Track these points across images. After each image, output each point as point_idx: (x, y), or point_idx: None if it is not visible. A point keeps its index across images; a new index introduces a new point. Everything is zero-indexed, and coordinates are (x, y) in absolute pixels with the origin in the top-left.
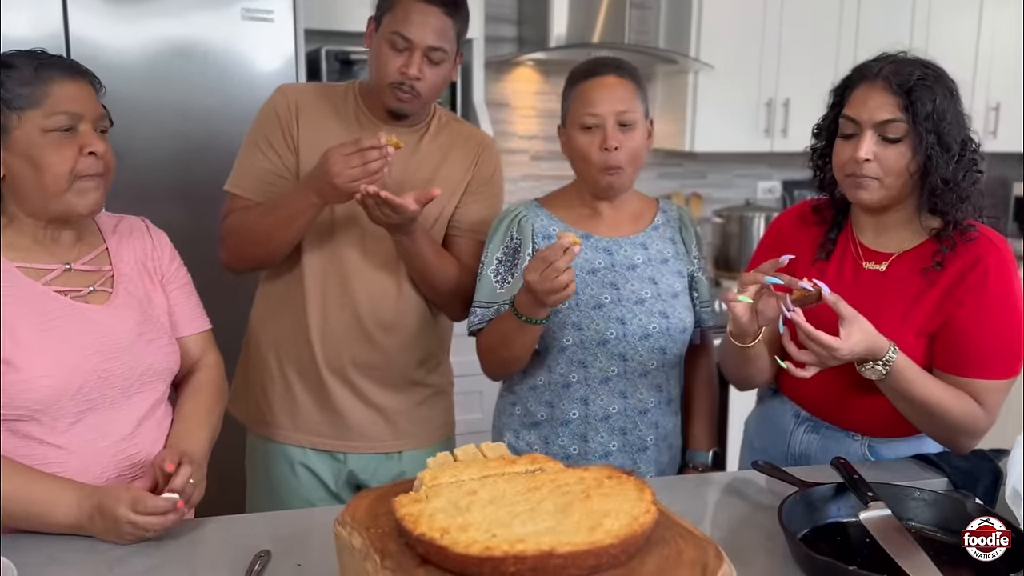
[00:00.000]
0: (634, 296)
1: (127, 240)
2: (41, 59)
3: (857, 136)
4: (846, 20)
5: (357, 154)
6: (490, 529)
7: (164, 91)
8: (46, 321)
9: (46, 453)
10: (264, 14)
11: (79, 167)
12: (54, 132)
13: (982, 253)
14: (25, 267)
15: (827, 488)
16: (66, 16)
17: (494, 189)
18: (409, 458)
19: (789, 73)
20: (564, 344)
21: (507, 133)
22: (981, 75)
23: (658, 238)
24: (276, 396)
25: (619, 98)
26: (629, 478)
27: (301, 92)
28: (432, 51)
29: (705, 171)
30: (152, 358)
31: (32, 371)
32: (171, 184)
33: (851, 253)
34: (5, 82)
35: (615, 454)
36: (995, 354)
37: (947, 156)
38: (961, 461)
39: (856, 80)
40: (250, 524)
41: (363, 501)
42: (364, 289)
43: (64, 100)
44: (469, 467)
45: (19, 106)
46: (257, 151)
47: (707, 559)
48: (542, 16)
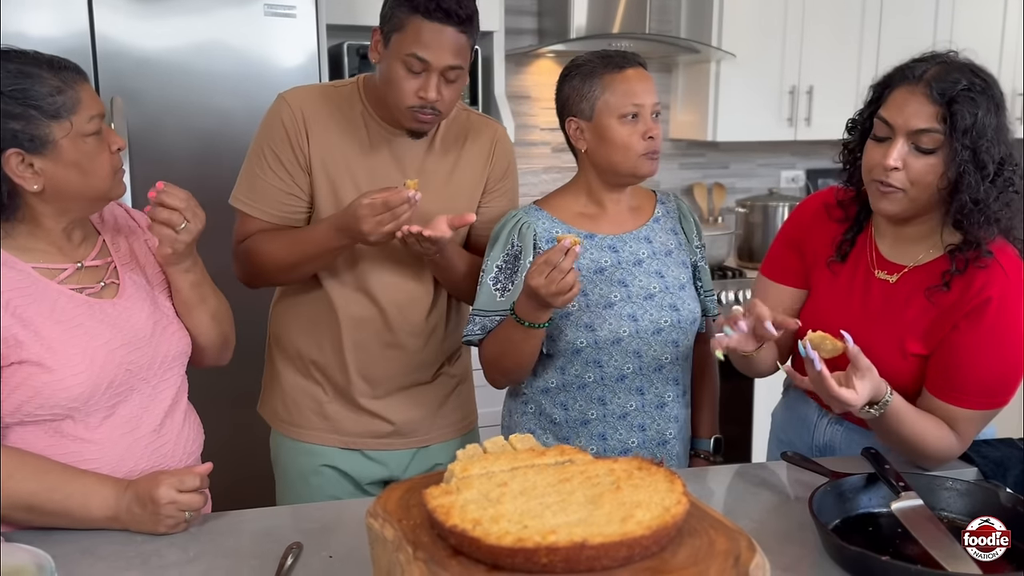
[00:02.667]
0: (643, 292)
1: (115, 228)
2: (56, 64)
3: (889, 140)
4: (869, 6)
5: (388, 213)
6: (522, 520)
7: (188, 88)
8: (69, 319)
9: (81, 450)
10: (286, 10)
11: (114, 163)
12: (91, 136)
13: (990, 283)
14: (40, 267)
15: (858, 478)
16: (91, 14)
17: (512, 181)
18: (440, 450)
19: (812, 61)
20: (578, 346)
21: (528, 125)
22: (1007, 60)
23: (660, 230)
24: (306, 398)
25: (652, 90)
26: (659, 469)
27: (306, 100)
28: (450, 71)
29: (728, 161)
30: (168, 344)
31: (64, 370)
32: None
33: (865, 259)
34: (31, 92)
35: (635, 450)
36: (981, 387)
37: (980, 175)
38: (991, 450)
39: (897, 80)
40: (282, 516)
41: (394, 493)
42: (391, 299)
43: (90, 103)
44: (499, 459)
45: (62, 116)
46: (268, 169)
47: (739, 550)
48: (562, 7)
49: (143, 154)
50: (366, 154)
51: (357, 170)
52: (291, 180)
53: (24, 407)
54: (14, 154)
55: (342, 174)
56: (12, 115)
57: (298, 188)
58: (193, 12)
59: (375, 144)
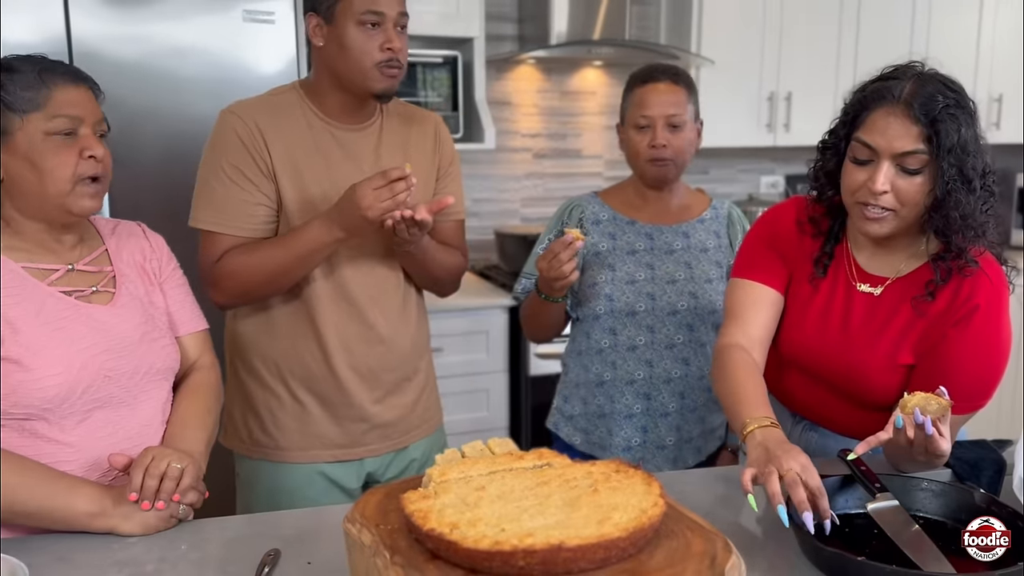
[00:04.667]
0: (667, 276)
1: (125, 242)
2: (43, 64)
3: (872, 163)
4: (847, 12)
5: (387, 187)
6: (499, 524)
7: (166, 94)
8: (53, 320)
9: (54, 452)
10: (265, 16)
11: (79, 170)
12: (56, 135)
13: (977, 291)
14: (30, 267)
15: (834, 480)
16: (68, 19)
17: (457, 166)
18: (416, 448)
19: (791, 67)
20: (598, 313)
21: (509, 131)
22: (983, 66)
23: (702, 230)
24: (289, 420)
25: (670, 102)
26: (637, 472)
27: (254, 109)
28: (402, 17)
29: (708, 166)
30: (155, 357)
31: (41, 370)
32: (171, 186)
33: (844, 272)
34: (7, 85)
35: (638, 416)
36: (965, 393)
37: (967, 189)
38: (965, 452)
39: (873, 102)
40: (260, 523)
41: (372, 498)
42: (367, 293)
43: (65, 104)
44: (477, 463)
45: (21, 108)
46: (230, 183)
47: (716, 551)
48: (543, 14)
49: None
50: (320, 153)
51: (317, 169)
52: (257, 190)
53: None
54: None
55: (304, 175)
56: None
57: (265, 197)
58: (171, 18)
59: (325, 142)
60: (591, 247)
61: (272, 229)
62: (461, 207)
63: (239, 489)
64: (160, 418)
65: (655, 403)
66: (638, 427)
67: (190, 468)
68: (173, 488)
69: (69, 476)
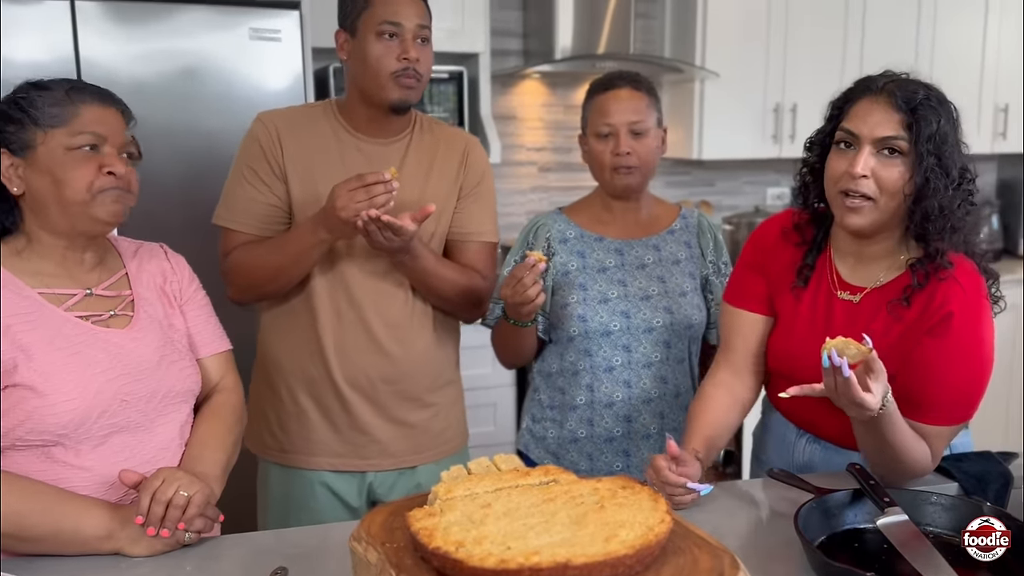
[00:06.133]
0: (640, 293)
1: (146, 265)
2: (75, 84)
3: (854, 150)
4: (851, 23)
5: (362, 189)
6: (505, 542)
7: (173, 112)
8: (69, 346)
9: (71, 476)
10: (272, 33)
11: (98, 183)
12: (77, 151)
13: (950, 298)
14: (47, 293)
15: (843, 494)
16: (76, 37)
17: (487, 187)
18: (425, 471)
19: (795, 78)
20: (572, 334)
21: (515, 145)
22: (988, 77)
23: (673, 241)
24: (291, 423)
25: (632, 109)
26: (643, 488)
27: (280, 118)
28: (421, 29)
29: (714, 178)
30: (174, 380)
31: (56, 396)
32: (181, 203)
33: (826, 281)
34: (36, 101)
35: (619, 439)
36: (948, 403)
37: (947, 180)
38: (971, 465)
39: (858, 93)
40: (267, 540)
41: (378, 516)
42: (372, 302)
43: (90, 122)
44: (483, 480)
45: (46, 124)
46: (246, 184)
47: (723, 568)
48: (547, 29)
49: None
50: (342, 162)
51: (333, 175)
52: (268, 191)
53: (15, 431)
54: (4, 154)
55: (318, 180)
56: (11, 119)
57: (275, 198)
58: (179, 36)
59: (350, 154)
60: (560, 267)
61: (281, 230)
62: (489, 229)
63: (258, 489)
64: (178, 441)
65: (636, 425)
66: (619, 451)
67: (198, 496)
68: (178, 516)
69: (78, 498)
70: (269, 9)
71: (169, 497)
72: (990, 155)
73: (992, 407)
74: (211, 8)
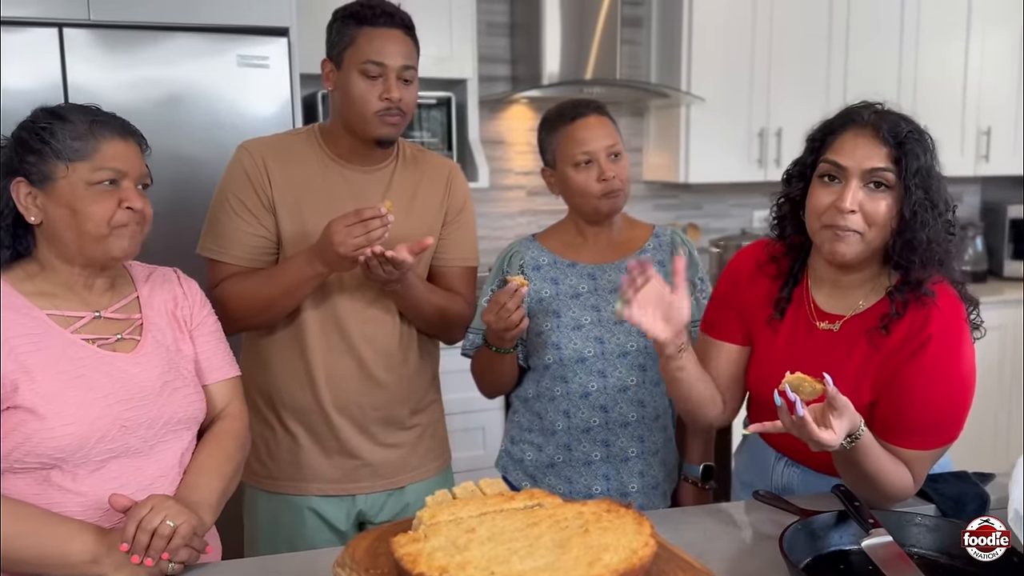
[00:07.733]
0: (613, 317)
1: (158, 289)
2: (96, 116)
3: (839, 183)
4: (835, 47)
5: (359, 224)
6: (488, 567)
7: (162, 139)
8: (72, 369)
9: (64, 501)
10: (260, 60)
11: (117, 218)
12: (97, 185)
13: (929, 322)
14: (55, 315)
15: (828, 516)
16: (64, 64)
17: (469, 214)
18: (412, 491)
19: (780, 102)
20: (547, 362)
21: (503, 170)
22: (971, 100)
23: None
24: (281, 451)
25: (606, 134)
26: (628, 511)
27: (265, 146)
28: (405, 70)
29: (700, 202)
30: (176, 407)
31: (56, 420)
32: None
33: (804, 312)
34: (58, 133)
35: (598, 463)
36: (930, 427)
37: (934, 212)
38: (948, 487)
39: (841, 125)
40: (254, 567)
41: (362, 542)
42: (360, 330)
43: (111, 157)
44: (468, 504)
45: (68, 157)
46: (233, 215)
47: None
48: (535, 55)
49: None
50: (326, 191)
51: (320, 206)
52: (256, 222)
53: (14, 453)
54: (23, 183)
55: (306, 211)
56: (32, 149)
57: (264, 229)
58: (167, 63)
59: (334, 182)
60: (534, 294)
61: (271, 260)
62: (470, 254)
63: (245, 515)
64: (177, 469)
65: (614, 449)
66: (599, 475)
67: (184, 527)
68: (162, 547)
69: (67, 522)
70: (257, 36)
71: (155, 526)
72: (973, 177)
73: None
74: (199, 35)
